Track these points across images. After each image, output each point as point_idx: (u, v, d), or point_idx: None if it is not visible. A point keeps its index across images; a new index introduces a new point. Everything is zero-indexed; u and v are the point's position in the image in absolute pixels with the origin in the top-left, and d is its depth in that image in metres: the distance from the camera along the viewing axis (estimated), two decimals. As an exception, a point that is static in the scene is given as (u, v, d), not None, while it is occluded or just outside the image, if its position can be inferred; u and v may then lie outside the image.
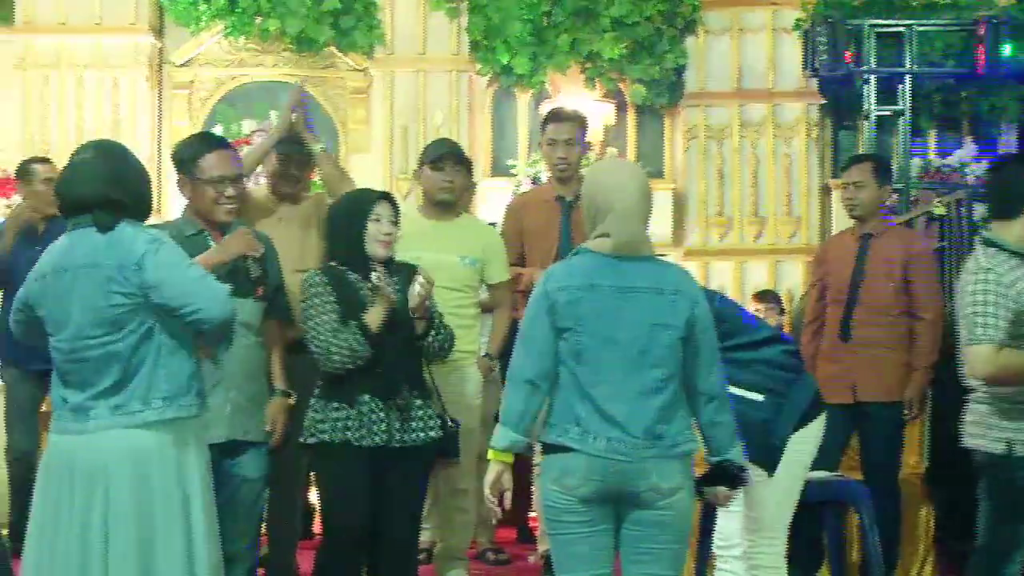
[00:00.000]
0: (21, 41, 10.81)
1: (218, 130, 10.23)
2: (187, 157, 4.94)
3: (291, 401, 5.05)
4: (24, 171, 7.38)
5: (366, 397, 4.88)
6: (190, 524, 3.95)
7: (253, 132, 10.46)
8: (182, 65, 11.11)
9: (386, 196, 5.10)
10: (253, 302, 4.95)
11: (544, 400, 4.05)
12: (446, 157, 6.08)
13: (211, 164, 4.89)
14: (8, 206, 9.46)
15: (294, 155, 5.94)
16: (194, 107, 11.05)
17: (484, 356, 6.10)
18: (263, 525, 5.39)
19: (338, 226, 5.09)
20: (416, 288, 4.90)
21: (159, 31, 11.10)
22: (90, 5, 10.82)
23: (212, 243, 4.90)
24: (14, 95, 10.80)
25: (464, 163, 6.19)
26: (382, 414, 4.87)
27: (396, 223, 5.02)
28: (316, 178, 6.48)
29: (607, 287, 4.00)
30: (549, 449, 4.03)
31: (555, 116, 6.46)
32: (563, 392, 4.01)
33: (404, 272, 5.00)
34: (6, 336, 7.25)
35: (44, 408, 7.57)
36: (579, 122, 6.39)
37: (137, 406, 3.91)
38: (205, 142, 5.08)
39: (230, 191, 4.91)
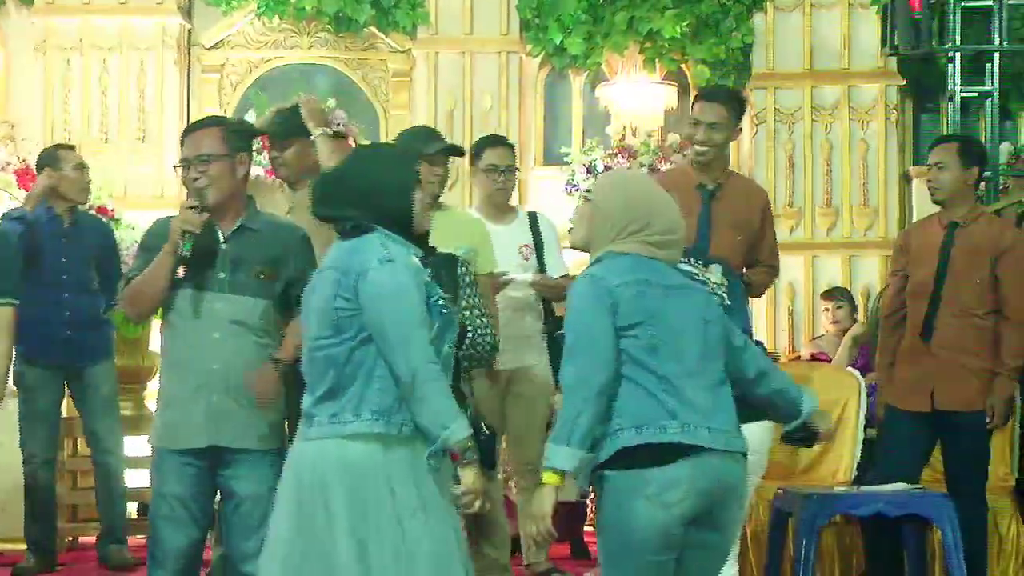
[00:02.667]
0: (41, 23, 10.90)
1: (250, 116, 10.22)
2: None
3: (275, 368, 4.92)
4: (52, 157, 7.49)
5: None
6: (403, 535, 3.98)
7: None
8: (212, 47, 11.19)
9: None
10: (247, 299, 4.92)
11: (608, 409, 4.02)
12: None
13: (183, 146, 5.00)
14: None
15: (270, 139, 6.05)
16: (224, 92, 11.11)
17: None
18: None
19: None
20: None
21: (188, 12, 11.16)
22: (116, -17, 10.89)
23: (216, 226, 4.95)
24: (35, 80, 10.90)
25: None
26: None
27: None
28: None
29: (656, 283, 4.07)
30: (634, 461, 3.98)
31: (701, 95, 6.38)
32: (638, 392, 4.00)
33: (442, 262, 4.81)
34: (26, 329, 7.38)
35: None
36: (727, 103, 6.18)
37: (349, 417, 4.00)
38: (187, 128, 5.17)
39: (193, 173, 4.94)
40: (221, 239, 4.94)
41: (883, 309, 6.60)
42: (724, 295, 5.84)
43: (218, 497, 5.03)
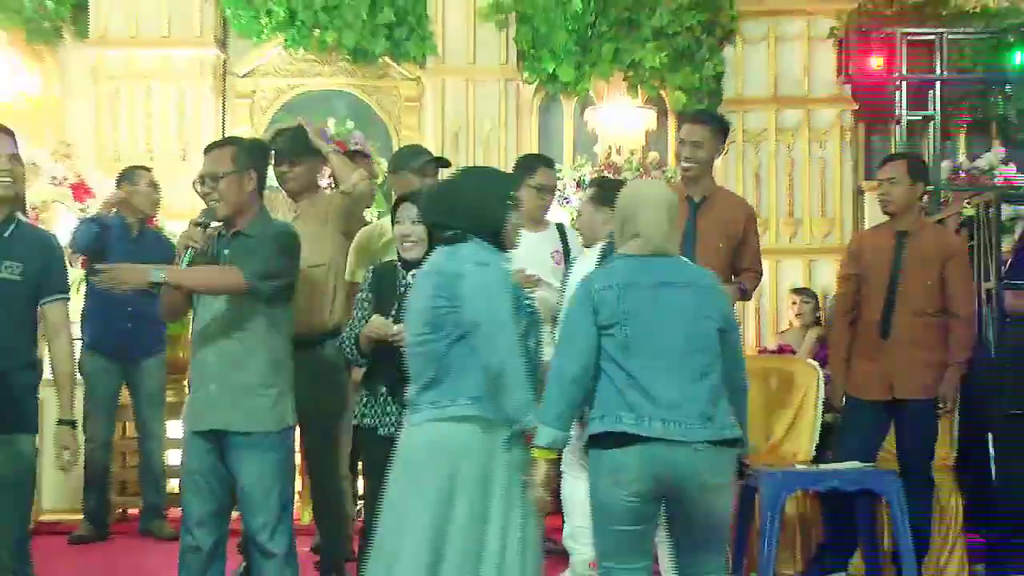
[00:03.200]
0: (94, 53, 10.90)
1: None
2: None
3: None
4: (130, 174, 7.59)
5: (383, 389, 4.87)
6: (487, 516, 4.04)
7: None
8: (245, 76, 11.17)
9: (406, 197, 5.06)
10: (243, 300, 4.91)
11: (583, 397, 4.07)
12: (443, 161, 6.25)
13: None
14: (82, 210, 9.55)
15: (280, 155, 6.00)
16: (256, 115, 11.10)
17: None
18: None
19: None
20: (370, 327, 4.88)
21: (223, 43, 11.15)
22: (159, 19, 10.89)
23: (223, 235, 5.05)
24: (88, 104, 10.90)
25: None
26: (393, 407, 4.83)
27: (417, 222, 4.92)
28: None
29: (646, 283, 4.11)
30: (598, 443, 4.08)
31: (686, 118, 6.39)
32: (610, 386, 4.07)
33: (386, 271, 4.95)
34: (91, 325, 7.42)
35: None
36: (710, 125, 6.20)
37: (447, 402, 4.08)
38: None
39: (206, 188, 5.05)
40: (224, 246, 4.98)
41: (837, 310, 6.60)
42: None
43: None
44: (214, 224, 5.06)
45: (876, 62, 10.59)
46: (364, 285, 5.16)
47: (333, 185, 6.27)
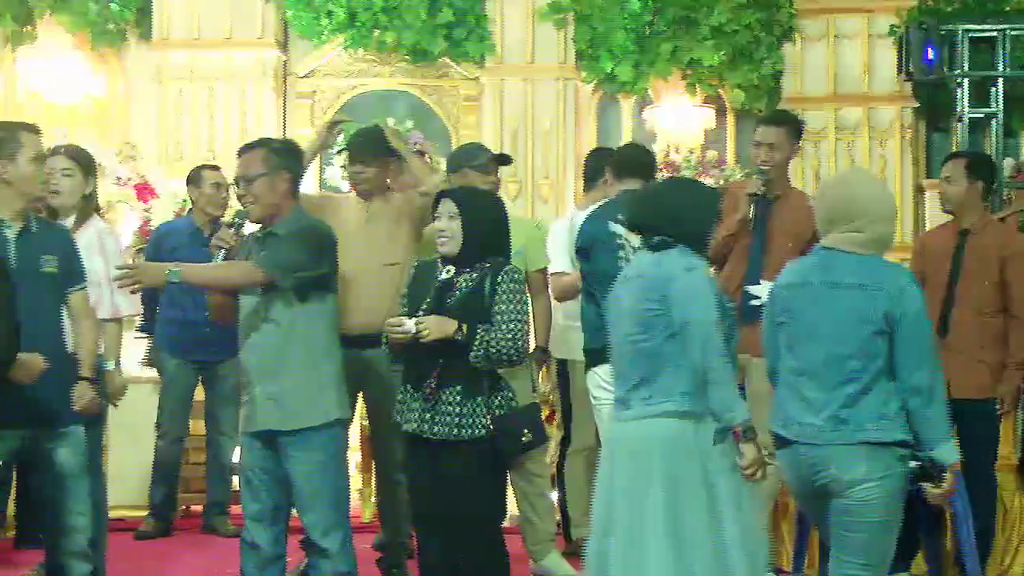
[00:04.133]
0: (157, 56, 10.98)
1: (339, 138, 10.26)
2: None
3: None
4: (195, 177, 7.64)
5: (408, 386, 4.85)
6: (715, 500, 4.20)
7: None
8: (305, 76, 11.21)
9: (445, 193, 4.99)
10: (274, 298, 4.92)
11: None
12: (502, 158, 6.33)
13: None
14: (146, 210, 9.64)
15: (355, 155, 6.05)
16: (316, 116, 11.11)
17: (536, 348, 6.07)
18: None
19: None
20: (401, 328, 4.77)
21: (284, 45, 11.21)
22: (221, 21, 10.96)
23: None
24: (151, 106, 10.98)
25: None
26: (416, 403, 4.79)
27: (453, 217, 4.84)
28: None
29: (817, 283, 4.20)
30: (779, 442, 4.27)
31: (760, 120, 6.40)
32: (782, 383, 4.25)
33: (481, 273, 4.82)
34: (171, 327, 7.48)
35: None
36: (784, 127, 6.19)
37: (659, 399, 4.25)
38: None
39: (241, 190, 5.04)
40: (260, 248, 4.99)
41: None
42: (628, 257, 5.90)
43: None
44: (248, 226, 5.08)
45: (937, 59, 10.46)
46: (405, 282, 5.14)
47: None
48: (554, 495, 6.62)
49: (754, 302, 6.00)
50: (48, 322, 4.79)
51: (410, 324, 4.67)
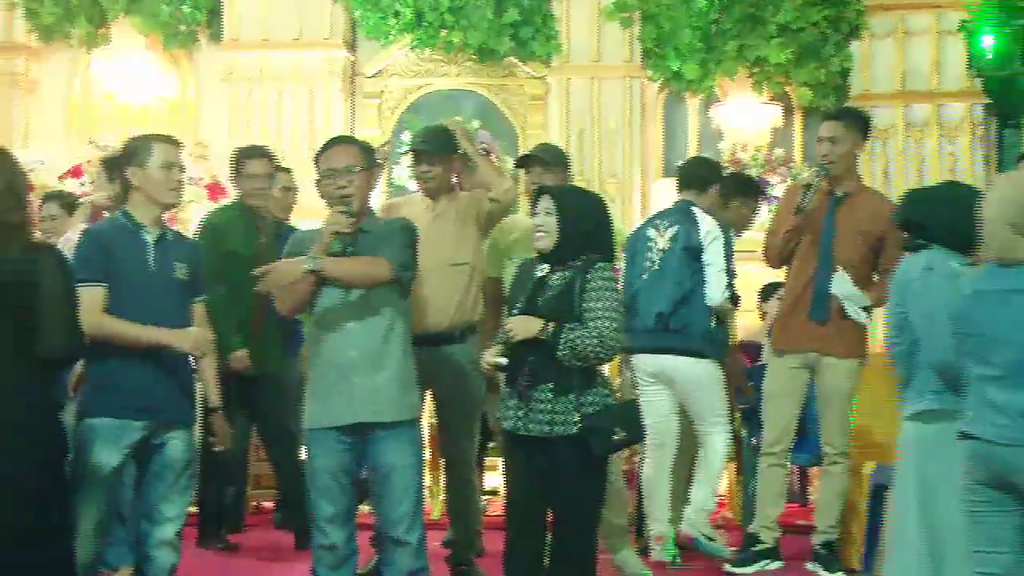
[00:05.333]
0: (228, 57, 11.08)
1: (405, 137, 10.32)
2: (316, 158, 5.11)
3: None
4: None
5: (507, 385, 4.84)
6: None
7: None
8: (373, 76, 11.25)
9: (545, 189, 4.97)
10: (381, 293, 4.93)
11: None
12: (521, 160, 6.31)
13: (324, 159, 5.06)
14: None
15: (421, 154, 6.01)
16: (383, 116, 11.18)
17: None
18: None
19: None
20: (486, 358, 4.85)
21: (352, 45, 11.26)
22: (290, 22, 11.04)
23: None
24: (222, 106, 11.08)
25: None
26: (512, 401, 4.77)
27: (551, 213, 4.80)
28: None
29: (992, 291, 4.16)
30: (962, 436, 4.24)
31: (825, 116, 6.37)
32: (971, 386, 4.22)
33: (574, 271, 4.78)
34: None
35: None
36: (844, 120, 6.17)
37: (913, 397, 4.49)
38: (325, 143, 5.24)
39: (341, 181, 4.97)
40: (349, 243, 4.96)
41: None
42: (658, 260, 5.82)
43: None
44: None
45: (1008, 54, 10.32)
46: (509, 281, 5.17)
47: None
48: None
49: (840, 295, 5.94)
50: (176, 325, 4.88)
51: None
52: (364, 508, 5.67)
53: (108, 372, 4.82)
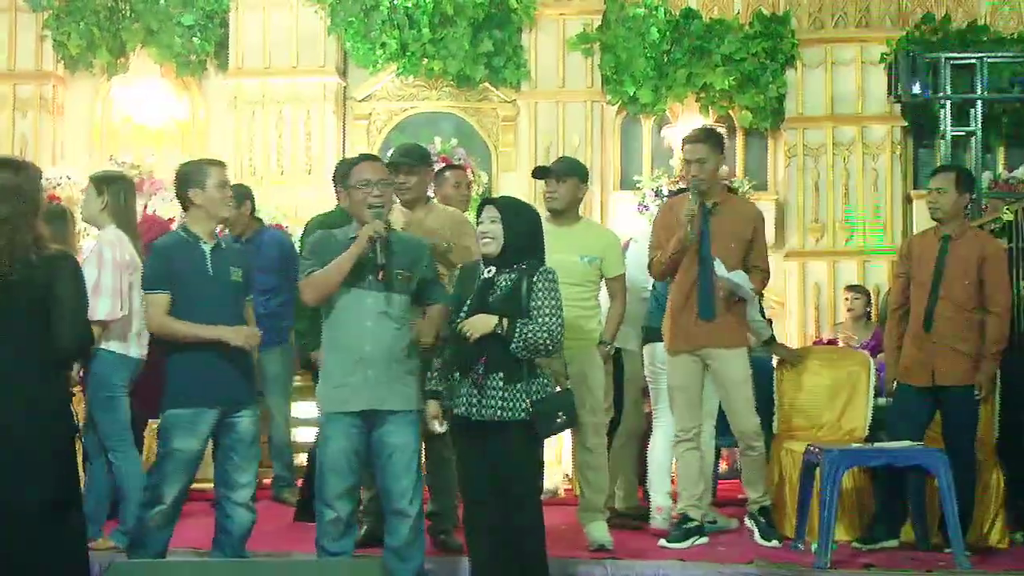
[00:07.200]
0: (233, 83, 11.09)
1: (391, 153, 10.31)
2: (342, 172, 5.14)
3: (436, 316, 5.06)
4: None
5: (457, 373, 4.87)
6: None
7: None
8: (362, 100, 11.28)
9: (490, 200, 5.00)
10: (391, 295, 4.93)
11: None
12: (540, 171, 6.19)
13: (357, 171, 5.08)
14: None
15: (400, 167, 5.96)
16: (372, 135, 11.20)
17: (600, 343, 6.03)
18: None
19: None
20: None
21: (343, 72, 11.28)
22: (288, 52, 11.06)
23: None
24: (227, 127, 11.09)
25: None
26: (463, 389, 4.81)
27: (495, 221, 4.86)
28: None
29: None
30: None
31: (684, 139, 6.31)
32: None
33: (519, 273, 4.83)
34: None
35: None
36: (706, 142, 6.11)
37: None
38: (356, 158, 5.33)
39: (376, 191, 4.98)
40: (383, 247, 4.95)
41: (890, 304, 6.52)
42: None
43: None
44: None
45: (922, 84, 10.41)
46: (451, 282, 5.19)
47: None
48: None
49: (724, 276, 5.90)
50: (234, 322, 5.08)
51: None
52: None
53: (182, 369, 5.03)
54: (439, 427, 5.00)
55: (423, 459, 5.24)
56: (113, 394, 5.61)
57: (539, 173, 6.23)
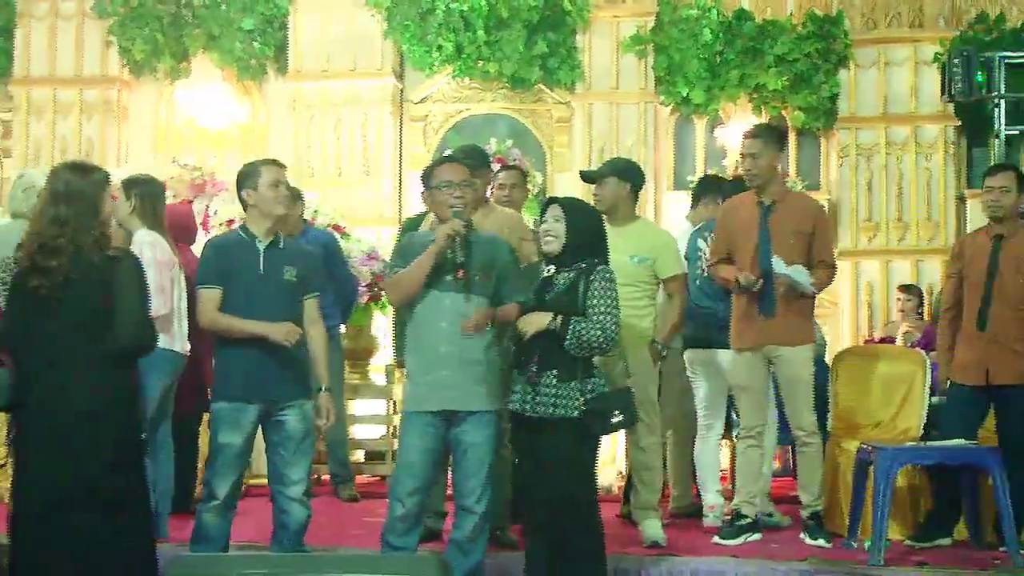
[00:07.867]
0: (292, 87, 11.17)
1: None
2: (427, 174, 5.09)
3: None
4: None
5: (514, 369, 4.86)
6: None
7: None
8: (419, 102, 11.32)
9: (554, 199, 5.00)
10: (469, 295, 4.90)
11: None
12: (583, 176, 6.20)
13: (439, 173, 5.07)
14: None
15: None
16: (428, 137, 11.25)
17: (652, 342, 5.97)
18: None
19: None
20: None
21: (400, 75, 11.32)
22: (346, 56, 11.11)
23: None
24: (287, 130, 11.17)
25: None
26: (519, 385, 4.80)
27: (559, 220, 4.84)
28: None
29: None
30: None
31: (744, 134, 6.26)
32: None
33: (578, 272, 4.82)
34: None
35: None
36: (762, 137, 6.03)
37: None
38: (439, 160, 5.28)
39: (457, 192, 4.97)
40: (461, 245, 4.91)
41: (942, 303, 6.43)
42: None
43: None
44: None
45: (977, 83, 10.29)
46: None
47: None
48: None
49: (783, 272, 5.84)
50: (285, 319, 5.02)
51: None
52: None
53: (226, 363, 5.05)
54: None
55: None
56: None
57: (584, 177, 6.26)
